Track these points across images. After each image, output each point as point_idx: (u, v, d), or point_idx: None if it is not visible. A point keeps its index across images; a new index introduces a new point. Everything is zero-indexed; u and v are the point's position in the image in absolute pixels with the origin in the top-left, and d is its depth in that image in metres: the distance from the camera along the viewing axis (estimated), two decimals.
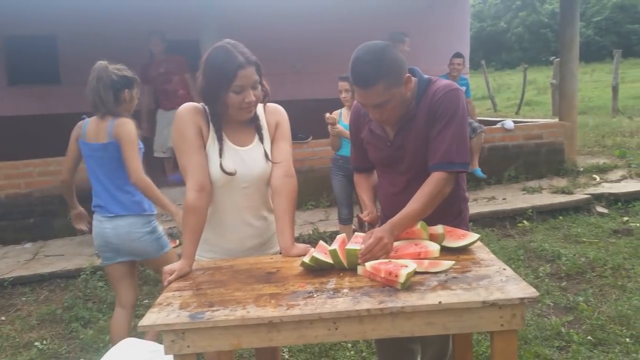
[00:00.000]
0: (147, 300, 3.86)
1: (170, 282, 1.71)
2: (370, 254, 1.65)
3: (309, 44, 7.83)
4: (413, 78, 1.86)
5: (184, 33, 6.08)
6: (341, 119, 4.15)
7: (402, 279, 1.48)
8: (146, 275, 4.41)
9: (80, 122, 2.85)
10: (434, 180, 1.81)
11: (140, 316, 1.53)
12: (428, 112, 1.84)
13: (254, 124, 1.93)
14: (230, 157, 1.87)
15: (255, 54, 1.81)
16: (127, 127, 2.63)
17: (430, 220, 1.83)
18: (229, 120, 1.89)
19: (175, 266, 1.76)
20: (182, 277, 1.75)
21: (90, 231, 2.90)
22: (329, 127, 4.09)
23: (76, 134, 2.83)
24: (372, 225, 2.04)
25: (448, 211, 1.90)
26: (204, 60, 1.80)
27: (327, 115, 4.09)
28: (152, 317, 1.45)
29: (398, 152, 1.94)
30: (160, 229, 2.90)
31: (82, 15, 6.99)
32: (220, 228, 1.95)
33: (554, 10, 31.51)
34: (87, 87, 2.69)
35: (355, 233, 1.84)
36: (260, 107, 1.96)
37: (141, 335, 2.47)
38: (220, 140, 1.87)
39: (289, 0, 7.37)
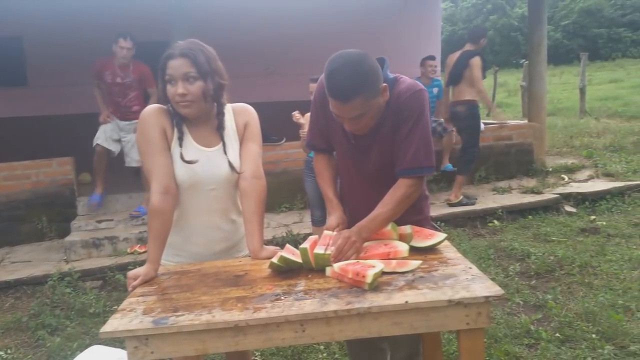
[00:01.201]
0: (115, 307, 3.78)
1: (134, 288, 1.68)
2: (341, 254, 1.65)
3: (282, 46, 7.81)
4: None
5: (154, 34, 5.99)
6: None
7: (369, 280, 1.47)
8: (115, 281, 4.33)
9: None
10: (404, 185, 1.80)
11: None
12: (395, 114, 1.81)
13: (218, 127, 1.90)
14: (195, 156, 1.85)
15: (227, 56, 1.81)
16: None
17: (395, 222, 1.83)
18: (194, 121, 1.87)
19: (139, 271, 1.73)
20: (147, 282, 1.72)
21: None
22: (300, 130, 4.09)
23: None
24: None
25: (410, 210, 1.90)
26: None
27: (295, 113, 4.08)
28: (114, 323, 1.41)
29: (362, 154, 1.91)
30: None
31: (49, 16, 6.85)
32: (187, 231, 1.92)
33: (524, 14, 32.11)
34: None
35: (325, 232, 1.83)
36: (229, 107, 1.95)
37: (106, 342, 2.42)
38: (181, 138, 1.84)
39: (260, 2, 7.35)
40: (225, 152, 1.89)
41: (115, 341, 2.47)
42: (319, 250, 1.67)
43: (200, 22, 5.32)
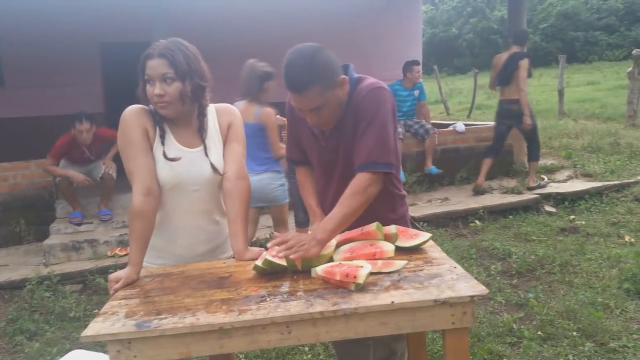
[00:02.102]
0: (96, 311, 3.72)
1: (116, 291, 1.65)
2: (286, 252, 1.63)
3: (265, 47, 7.75)
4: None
5: (134, 35, 5.93)
6: None
7: (361, 280, 1.47)
8: (96, 285, 4.26)
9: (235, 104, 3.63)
10: (356, 181, 1.78)
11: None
12: (355, 112, 1.82)
13: (200, 129, 1.88)
14: (177, 155, 1.83)
15: (210, 56, 1.79)
16: (271, 117, 3.68)
17: (366, 217, 1.81)
18: (176, 121, 1.85)
19: (121, 274, 1.70)
20: (129, 284, 1.69)
21: None
22: (282, 133, 4.09)
23: None
24: None
25: (383, 209, 1.90)
26: None
27: (278, 117, 4.07)
28: (95, 327, 1.38)
29: (332, 155, 1.92)
30: (286, 183, 3.93)
31: (27, 16, 6.73)
32: (171, 233, 1.89)
33: (504, 16, 32.55)
34: (239, 79, 3.67)
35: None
36: (212, 108, 1.93)
37: (87, 346, 2.37)
38: (163, 137, 1.82)
39: (244, 4, 7.31)
40: (206, 155, 1.86)
41: (97, 345, 2.43)
42: None
43: (182, 23, 5.27)
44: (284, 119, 4.09)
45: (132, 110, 1.81)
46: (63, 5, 6.62)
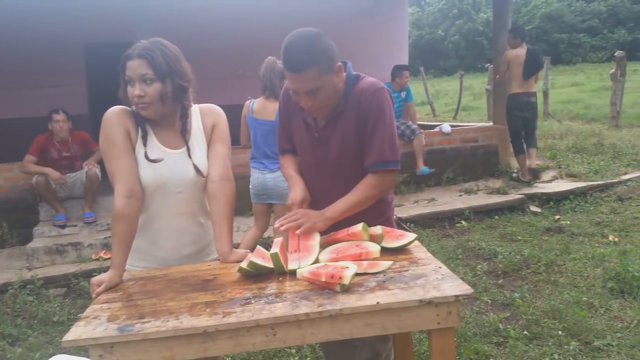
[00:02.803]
0: (80, 315, 3.67)
1: (98, 294, 1.62)
2: (291, 219, 1.75)
3: (251, 48, 7.72)
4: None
5: (119, 35, 5.87)
6: (253, 110, 4.12)
7: (346, 281, 1.46)
8: (80, 288, 4.21)
9: (248, 102, 3.93)
10: (372, 178, 1.88)
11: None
12: (357, 109, 1.87)
13: (182, 130, 1.86)
14: (160, 157, 1.81)
15: (194, 57, 1.77)
16: None
17: (353, 220, 1.85)
18: (159, 122, 1.83)
19: (103, 277, 1.67)
20: (112, 288, 1.66)
21: None
22: None
23: (245, 112, 3.93)
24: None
25: (370, 213, 1.93)
26: None
27: None
28: (77, 331, 1.36)
29: (324, 146, 1.96)
30: None
31: (11, 17, 6.63)
32: (154, 235, 1.87)
33: (489, 19, 32.82)
34: (260, 74, 3.74)
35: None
36: (196, 109, 1.91)
37: (70, 350, 2.34)
38: (145, 138, 1.80)
39: (226, 4, 7.28)
40: (189, 156, 1.84)
41: (81, 350, 2.39)
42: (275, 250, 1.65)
43: (165, 23, 5.24)
44: None
45: (113, 111, 1.79)
46: (47, 5, 6.54)
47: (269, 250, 1.68)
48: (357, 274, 1.55)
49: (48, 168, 5.06)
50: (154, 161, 1.78)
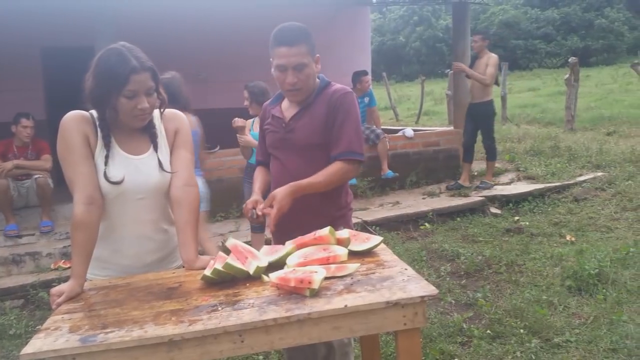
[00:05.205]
0: (39, 327, 3.54)
1: (58, 305, 1.57)
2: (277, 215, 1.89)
3: (214, 53, 7.70)
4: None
5: (77, 39, 5.73)
6: (252, 128, 4.13)
7: (316, 285, 1.46)
8: (38, 300, 4.07)
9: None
10: (339, 165, 2.05)
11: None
12: (327, 106, 2.07)
13: (148, 132, 1.83)
14: (122, 166, 1.76)
15: (155, 62, 1.72)
16: None
17: (310, 213, 2.05)
18: (121, 127, 1.78)
19: (63, 287, 1.62)
20: (73, 298, 1.61)
21: None
22: (238, 136, 4.06)
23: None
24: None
25: (335, 202, 2.15)
26: (95, 62, 1.68)
27: (236, 119, 4.05)
28: (37, 344, 1.32)
29: (290, 134, 2.12)
30: None
31: None
32: (116, 243, 1.82)
33: (448, 25, 33.53)
34: (176, 91, 3.59)
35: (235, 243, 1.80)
36: (157, 113, 1.87)
37: None
38: (107, 147, 1.75)
39: (189, 9, 7.20)
40: (155, 150, 1.82)
41: None
42: (233, 262, 1.63)
43: (126, 27, 5.13)
44: (238, 120, 4.09)
45: (71, 117, 1.74)
46: (5, 10, 6.31)
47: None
48: (325, 278, 1.56)
49: None
50: (113, 183, 1.73)
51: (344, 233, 1.84)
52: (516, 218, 5.54)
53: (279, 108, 2.19)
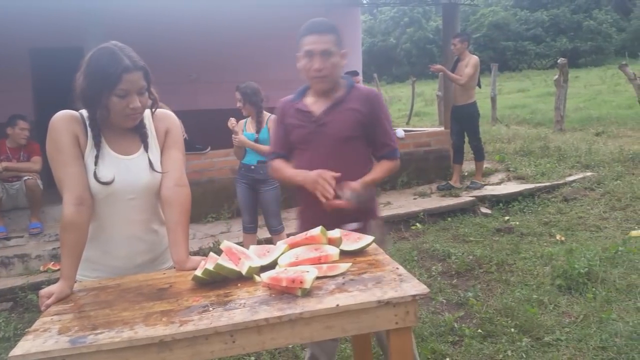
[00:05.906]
0: (28, 329, 3.51)
1: (48, 307, 1.56)
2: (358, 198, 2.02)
3: (205, 53, 7.67)
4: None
5: (66, 40, 5.70)
6: (245, 128, 4.13)
7: (307, 285, 1.46)
8: (27, 302, 4.03)
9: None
10: (389, 163, 2.25)
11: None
12: (363, 103, 2.17)
13: (139, 132, 1.82)
14: (112, 166, 1.75)
15: (146, 62, 1.72)
16: None
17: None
18: (112, 127, 1.76)
19: (53, 288, 1.60)
20: (62, 299, 1.60)
21: None
22: (233, 136, 4.05)
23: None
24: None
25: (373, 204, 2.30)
26: (87, 61, 1.67)
27: (231, 119, 4.05)
28: (25, 346, 1.30)
29: (321, 128, 2.17)
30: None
31: None
32: (106, 244, 1.81)
33: (438, 27, 33.70)
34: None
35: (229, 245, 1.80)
36: (147, 113, 1.86)
37: None
38: (97, 147, 1.74)
39: (180, 9, 7.17)
40: (146, 150, 1.81)
41: None
42: (224, 262, 1.62)
43: (115, 27, 5.09)
44: (233, 121, 4.08)
45: (61, 117, 1.72)
46: None
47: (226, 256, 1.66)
48: (317, 278, 1.56)
49: None
50: (103, 184, 1.72)
51: (335, 233, 1.84)
52: (506, 218, 5.57)
53: (304, 103, 2.23)
